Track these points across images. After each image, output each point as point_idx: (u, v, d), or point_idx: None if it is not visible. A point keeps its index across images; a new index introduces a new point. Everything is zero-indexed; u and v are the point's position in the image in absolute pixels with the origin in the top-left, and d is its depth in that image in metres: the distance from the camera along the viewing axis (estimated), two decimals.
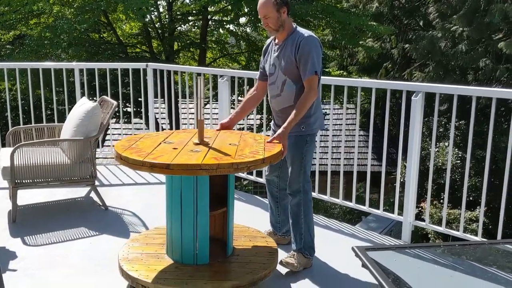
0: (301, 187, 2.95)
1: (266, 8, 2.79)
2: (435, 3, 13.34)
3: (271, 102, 3.03)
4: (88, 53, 11.65)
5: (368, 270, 1.53)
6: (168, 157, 2.41)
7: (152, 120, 5.56)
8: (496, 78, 12.32)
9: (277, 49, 2.94)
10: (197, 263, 2.66)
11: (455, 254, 1.61)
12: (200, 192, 2.57)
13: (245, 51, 13.87)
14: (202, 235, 2.63)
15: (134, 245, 2.93)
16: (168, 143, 2.71)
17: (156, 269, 2.63)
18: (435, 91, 3.38)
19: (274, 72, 2.96)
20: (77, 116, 4.03)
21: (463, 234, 3.37)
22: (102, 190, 4.40)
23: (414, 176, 3.49)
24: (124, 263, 2.69)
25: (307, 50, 2.78)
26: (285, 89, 2.90)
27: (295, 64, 2.84)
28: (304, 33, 2.85)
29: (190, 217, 2.61)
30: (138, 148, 2.60)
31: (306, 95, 2.80)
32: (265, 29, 2.92)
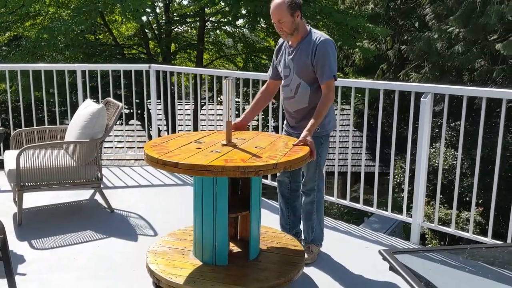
0: (315, 186, 3.04)
1: (280, 12, 2.77)
2: (431, 4, 13.40)
3: (285, 103, 3.03)
4: (85, 55, 11.59)
5: (397, 274, 1.52)
6: (183, 156, 2.43)
7: (154, 121, 5.53)
8: (492, 79, 12.40)
9: (292, 52, 2.93)
10: (216, 264, 2.67)
11: (483, 257, 1.60)
12: (219, 193, 2.57)
13: (242, 52, 13.86)
14: (221, 236, 2.63)
15: (168, 239, 2.98)
16: (198, 143, 2.74)
17: (175, 265, 2.66)
18: (444, 92, 3.39)
19: (289, 75, 2.96)
20: (82, 118, 4.00)
21: (473, 235, 3.38)
22: (107, 192, 4.36)
23: (423, 178, 3.49)
24: (149, 255, 2.75)
25: (324, 54, 2.79)
26: (300, 91, 2.92)
27: (311, 68, 2.84)
28: (320, 36, 2.85)
29: (210, 217, 2.61)
30: (165, 146, 2.65)
31: (325, 99, 2.82)
32: (280, 33, 2.88)
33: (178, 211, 4.17)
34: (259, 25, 11.90)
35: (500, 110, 3.09)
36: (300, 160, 2.50)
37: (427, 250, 1.55)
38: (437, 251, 1.63)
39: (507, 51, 10.35)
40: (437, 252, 1.63)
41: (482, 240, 3.32)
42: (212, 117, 10.82)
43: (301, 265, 2.69)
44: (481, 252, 1.64)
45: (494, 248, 1.77)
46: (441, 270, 1.55)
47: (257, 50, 13.37)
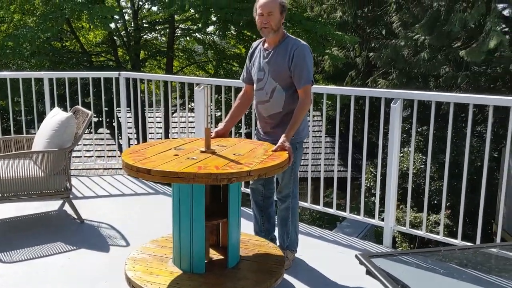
0: (290, 192, 3.04)
1: (274, 4, 2.78)
2: (397, 13, 13.70)
3: (258, 108, 3.00)
4: (52, 62, 11.36)
5: (375, 278, 1.53)
6: (158, 163, 2.42)
7: (124, 130, 5.45)
8: (457, 85, 12.74)
9: (267, 55, 2.91)
10: (193, 272, 2.64)
11: (457, 259, 1.63)
12: (195, 201, 2.55)
13: (212, 59, 13.85)
14: (198, 244, 2.61)
15: (149, 246, 2.95)
16: (177, 149, 2.72)
17: (153, 272, 2.64)
18: (413, 97, 3.46)
19: (263, 78, 2.93)
20: (50, 127, 3.90)
21: (443, 237, 3.45)
22: (76, 202, 4.25)
23: (394, 182, 3.55)
24: (128, 261, 2.74)
25: (302, 59, 2.81)
26: (275, 96, 2.90)
27: (287, 72, 2.84)
28: (297, 41, 2.87)
29: (187, 225, 2.59)
30: (143, 153, 2.64)
31: (303, 103, 2.83)
32: (262, 31, 2.83)
33: (151, 221, 4.10)
34: (230, 32, 11.92)
35: (466, 115, 3.17)
36: (276, 168, 2.47)
37: (402, 253, 1.57)
38: (412, 254, 1.65)
39: (470, 58, 10.66)
40: (412, 255, 1.65)
41: (452, 242, 3.39)
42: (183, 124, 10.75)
43: (280, 274, 2.66)
44: (455, 254, 1.67)
45: (466, 249, 1.80)
46: (417, 273, 1.57)
47: (227, 57, 13.39)
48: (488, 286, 1.54)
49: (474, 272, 1.67)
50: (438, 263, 1.63)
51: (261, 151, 2.71)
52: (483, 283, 1.57)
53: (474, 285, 1.56)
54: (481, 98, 3.25)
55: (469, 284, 1.55)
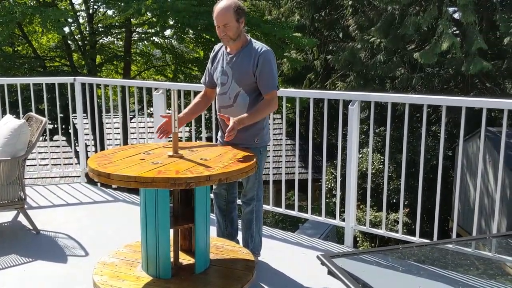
0: (255, 195, 3.05)
1: (227, 16, 2.73)
2: (353, 16, 14.00)
3: (222, 112, 2.95)
4: (2, 68, 10.95)
5: (336, 278, 1.55)
6: (120, 167, 2.42)
7: (81, 136, 5.31)
8: (411, 86, 13.14)
9: (231, 59, 2.88)
10: (159, 277, 2.61)
11: (415, 256, 1.67)
12: (160, 206, 2.53)
13: (171, 63, 13.71)
14: (164, 249, 2.58)
15: (122, 251, 2.93)
16: (146, 154, 2.70)
17: (119, 277, 2.62)
18: (370, 99, 3.53)
19: (227, 82, 2.90)
20: (2, 135, 3.75)
21: (402, 235, 3.53)
22: (31, 213, 4.10)
23: (353, 182, 3.60)
24: (97, 265, 2.73)
25: (268, 64, 2.80)
26: (238, 101, 2.88)
27: (252, 77, 2.83)
28: (261, 46, 2.85)
29: (153, 230, 2.57)
30: (110, 157, 2.63)
31: (268, 104, 2.85)
32: (221, 39, 2.81)
33: (110, 229, 4.01)
34: (188, 36, 11.84)
35: (421, 115, 3.26)
36: (239, 172, 2.45)
37: (362, 252, 1.59)
38: (372, 253, 1.68)
39: (424, 60, 11.01)
40: (372, 253, 1.68)
41: (411, 240, 3.47)
42: (143, 129, 10.60)
43: (246, 280, 2.64)
44: (413, 251, 1.71)
45: (424, 246, 1.85)
46: (377, 271, 1.59)
47: (186, 61, 13.29)
48: (445, 281, 1.59)
49: (431, 268, 1.71)
50: (397, 261, 1.66)
51: (229, 156, 2.69)
52: (441, 278, 1.62)
53: (432, 280, 1.60)
54: (434, 98, 3.35)
55: (427, 279, 1.59)
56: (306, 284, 3.04)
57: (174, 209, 2.78)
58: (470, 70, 10.80)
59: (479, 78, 13.48)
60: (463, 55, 11.69)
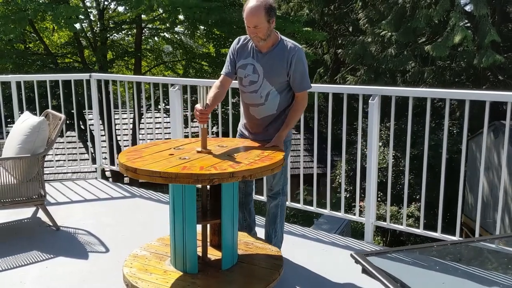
0: (281, 190, 3.08)
1: (259, 18, 2.67)
2: (363, 9, 13.88)
3: (251, 110, 2.94)
4: (16, 65, 10.99)
5: (372, 277, 1.53)
6: (148, 162, 2.46)
7: (97, 133, 5.32)
8: (423, 80, 13.02)
9: (262, 57, 2.84)
10: (186, 272, 2.64)
11: (450, 254, 1.65)
12: (187, 201, 2.55)
13: (181, 59, 13.70)
14: (190, 244, 2.60)
15: (154, 244, 2.98)
16: (176, 149, 2.73)
17: (147, 270, 2.67)
18: (391, 94, 3.49)
19: (257, 81, 2.86)
20: (21, 132, 3.76)
21: (424, 231, 3.50)
22: (50, 209, 4.12)
23: (374, 177, 3.58)
24: (129, 258, 2.79)
25: (302, 63, 2.81)
26: (270, 99, 2.88)
27: (285, 76, 2.82)
28: (293, 44, 2.83)
29: (180, 225, 2.60)
30: (141, 152, 2.67)
31: (300, 107, 2.90)
32: (253, 37, 2.76)
33: (128, 225, 4.02)
34: (199, 31, 11.82)
35: (432, 110, 3.22)
36: (263, 170, 2.43)
37: (396, 250, 1.57)
38: (407, 251, 1.66)
39: (436, 53, 10.89)
40: (407, 252, 1.66)
41: (433, 236, 3.44)
42: (158, 125, 10.59)
43: (271, 281, 2.62)
44: (447, 249, 1.68)
45: (458, 244, 1.82)
46: (413, 270, 1.57)
47: (197, 56, 13.27)
48: (482, 281, 1.56)
49: (467, 267, 1.69)
50: (432, 259, 1.64)
51: (257, 152, 2.68)
52: (477, 278, 1.59)
53: (469, 280, 1.57)
54: (458, 93, 3.31)
55: (464, 279, 1.57)
56: (329, 281, 3.03)
57: (203, 205, 2.79)
58: (483, 63, 10.67)
59: (492, 71, 13.33)
60: (475, 47, 11.56)
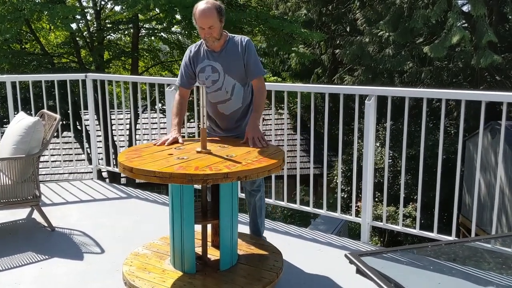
0: (261, 182, 3.21)
1: (212, 18, 2.80)
2: (361, 10, 13.89)
3: (219, 107, 3.02)
4: (11, 65, 10.95)
5: (366, 277, 1.52)
6: (146, 162, 2.46)
7: (93, 134, 5.29)
8: (420, 80, 13.04)
9: (218, 55, 2.95)
10: (185, 271, 2.64)
11: (445, 254, 1.64)
12: (185, 201, 2.55)
13: (178, 58, 13.68)
14: (188, 244, 2.61)
15: (157, 243, 3.00)
16: (177, 149, 2.73)
17: (146, 269, 2.67)
18: (387, 94, 3.48)
19: (219, 78, 2.96)
20: (16, 132, 3.74)
21: (420, 231, 3.49)
22: (45, 210, 4.10)
23: (370, 178, 3.57)
24: (129, 256, 2.81)
25: (253, 51, 2.95)
26: (235, 92, 2.99)
27: (243, 68, 2.94)
28: (241, 37, 3.00)
29: (178, 225, 2.60)
30: (141, 151, 2.68)
31: (262, 91, 2.97)
32: (206, 40, 2.88)
33: (124, 226, 4.00)
34: (195, 31, 11.78)
35: (429, 110, 3.22)
36: (260, 171, 2.41)
37: (391, 250, 1.56)
38: (401, 251, 1.65)
39: (434, 53, 10.91)
40: (401, 252, 1.65)
41: (429, 236, 3.44)
42: (156, 125, 10.55)
43: (270, 281, 2.60)
44: (442, 249, 1.68)
45: (453, 244, 1.82)
46: (407, 270, 1.56)
47: None
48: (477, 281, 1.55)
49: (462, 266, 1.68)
50: (427, 259, 1.63)
51: (256, 153, 2.67)
52: (473, 277, 1.58)
53: (464, 280, 1.56)
54: (454, 93, 3.31)
55: (459, 279, 1.56)
56: (325, 281, 3.01)
57: (203, 205, 2.79)
58: (481, 63, 10.69)
59: (489, 71, 13.36)
60: (472, 48, 11.58)
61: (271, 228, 3.91)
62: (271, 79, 14.62)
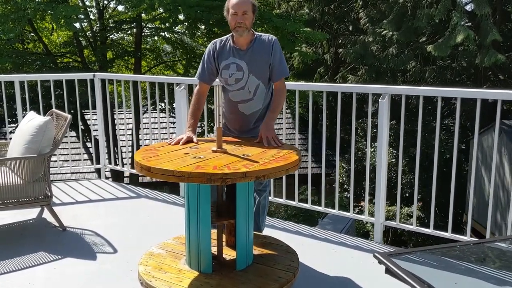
0: (268, 183, 3.23)
1: (248, 5, 2.79)
2: (364, 9, 13.87)
3: (239, 107, 2.99)
4: (15, 65, 10.93)
5: (397, 278, 1.50)
6: (162, 161, 2.44)
7: (101, 133, 5.27)
8: (424, 79, 13.01)
9: (244, 53, 2.90)
10: (201, 271, 2.63)
11: (474, 254, 1.62)
12: (202, 201, 2.53)
13: (181, 58, 13.66)
14: (205, 244, 2.59)
15: (171, 242, 2.98)
16: (192, 148, 2.72)
17: (162, 268, 2.66)
18: (401, 92, 3.47)
19: (243, 77, 2.91)
20: (27, 131, 3.73)
21: (434, 231, 3.48)
22: (55, 209, 4.09)
23: (383, 177, 3.55)
24: (144, 256, 2.79)
25: (280, 51, 2.91)
26: (258, 93, 2.95)
27: (268, 68, 2.90)
28: (269, 36, 2.95)
29: (195, 224, 2.58)
30: (157, 150, 2.67)
31: (283, 93, 2.95)
32: (236, 29, 2.81)
33: (135, 225, 3.99)
34: (199, 31, 11.78)
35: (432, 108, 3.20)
36: (277, 170, 2.39)
37: (419, 250, 1.55)
38: (430, 251, 1.63)
39: (437, 53, 10.88)
40: (430, 251, 1.63)
41: (443, 235, 3.43)
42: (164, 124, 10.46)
43: (286, 282, 2.57)
44: (471, 249, 1.66)
45: (481, 244, 1.80)
46: (438, 271, 1.55)
47: (197, 56, 13.23)
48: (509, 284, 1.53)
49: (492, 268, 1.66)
50: (455, 259, 1.61)
51: (273, 153, 2.65)
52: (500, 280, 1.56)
53: (496, 283, 1.53)
54: (469, 91, 3.29)
55: (490, 281, 1.53)
56: (341, 281, 3.00)
57: (218, 204, 2.77)
58: (485, 63, 10.67)
59: (492, 70, 13.34)
60: (476, 47, 11.56)
61: (282, 228, 3.89)
62: None
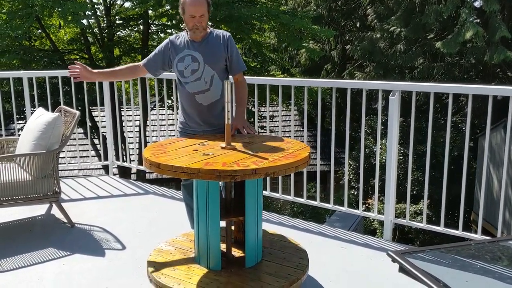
0: None
1: (204, 7, 2.87)
2: (372, 5, 13.79)
3: (197, 98, 3.00)
4: (23, 61, 10.96)
5: (411, 276, 1.48)
6: (171, 157, 2.45)
7: (109, 130, 5.27)
8: (432, 76, 12.93)
9: (199, 46, 2.96)
10: (210, 268, 2.63)
11: (490, 253, 1.60)
12: (211, 198, 2.53)
13: None
14: (214, 241, 2.59)
15: (179, 239, 3.00)
16: (200, 145, 2.72)
17: (172, 265, 2.67)
18: (411, 89, 3.44)
19: (198, 68, 2.96)
20: (36, 128, 3.73)
21: (444, 229, 3.45)
22: (63, 206, 4.10)
23: (393, 174, 3.53)
24: (153, 252, 2.81)
25: (235, 48, 3.02)
26: (214, 84, 2.99)
27: (223, 61, 2.98)
28: (222, 31, 3.05)
29: (204, 221, 2.58)
30: (166, 147, 2.69)
31: (245, 87, 3.10)
32: (194, 30, 2.89)
33: (143, 221, 3.98)
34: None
35: (440, 106, 3.17)
36: (287, 167, 2.36)
37: (433, 249, 1.52)
38: (445, 249, 1.61)
39: (446, 49, 10.80)
40: (445, 250, 1.61)
41: (454, 233, 3.40)
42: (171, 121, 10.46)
43: (296, 279, 2.56)
44: (486, 247, 1.64)
45: (496, 242, 1.78)
46: (453, 270, 1.52)
47: None
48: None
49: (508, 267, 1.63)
50: (470, 257, 1.59)
51: (282, 150, 2.63)
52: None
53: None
54: (480, 88, 3.25)
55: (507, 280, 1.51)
56: (351, 279, 2.98)
57: (227, 201, 2.76)
58: (494, 59, 10.58)
59: (501, 67, 13.23)
60: (484, 44, 11.46)
61: (291, 225, 3.88)
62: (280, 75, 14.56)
